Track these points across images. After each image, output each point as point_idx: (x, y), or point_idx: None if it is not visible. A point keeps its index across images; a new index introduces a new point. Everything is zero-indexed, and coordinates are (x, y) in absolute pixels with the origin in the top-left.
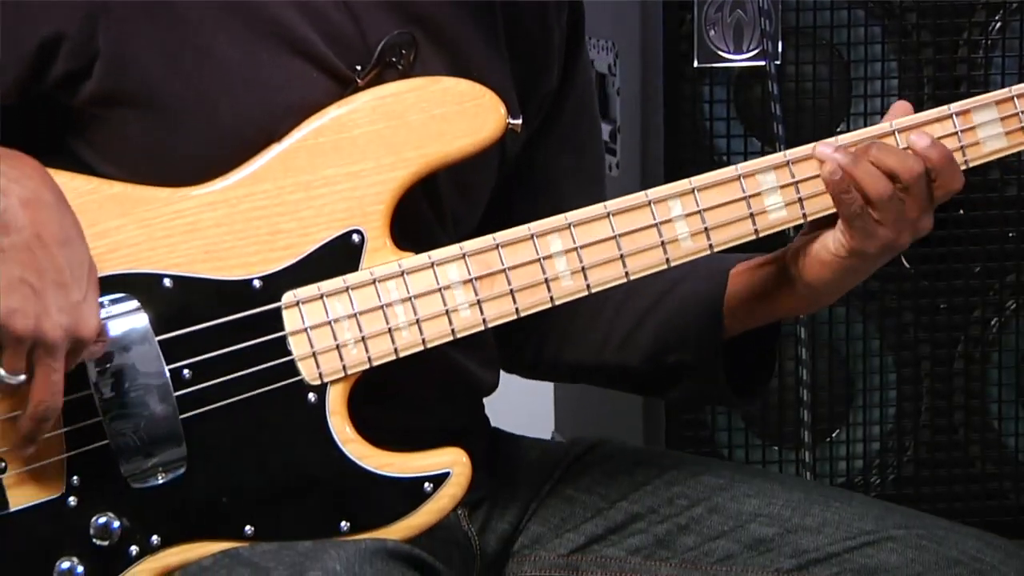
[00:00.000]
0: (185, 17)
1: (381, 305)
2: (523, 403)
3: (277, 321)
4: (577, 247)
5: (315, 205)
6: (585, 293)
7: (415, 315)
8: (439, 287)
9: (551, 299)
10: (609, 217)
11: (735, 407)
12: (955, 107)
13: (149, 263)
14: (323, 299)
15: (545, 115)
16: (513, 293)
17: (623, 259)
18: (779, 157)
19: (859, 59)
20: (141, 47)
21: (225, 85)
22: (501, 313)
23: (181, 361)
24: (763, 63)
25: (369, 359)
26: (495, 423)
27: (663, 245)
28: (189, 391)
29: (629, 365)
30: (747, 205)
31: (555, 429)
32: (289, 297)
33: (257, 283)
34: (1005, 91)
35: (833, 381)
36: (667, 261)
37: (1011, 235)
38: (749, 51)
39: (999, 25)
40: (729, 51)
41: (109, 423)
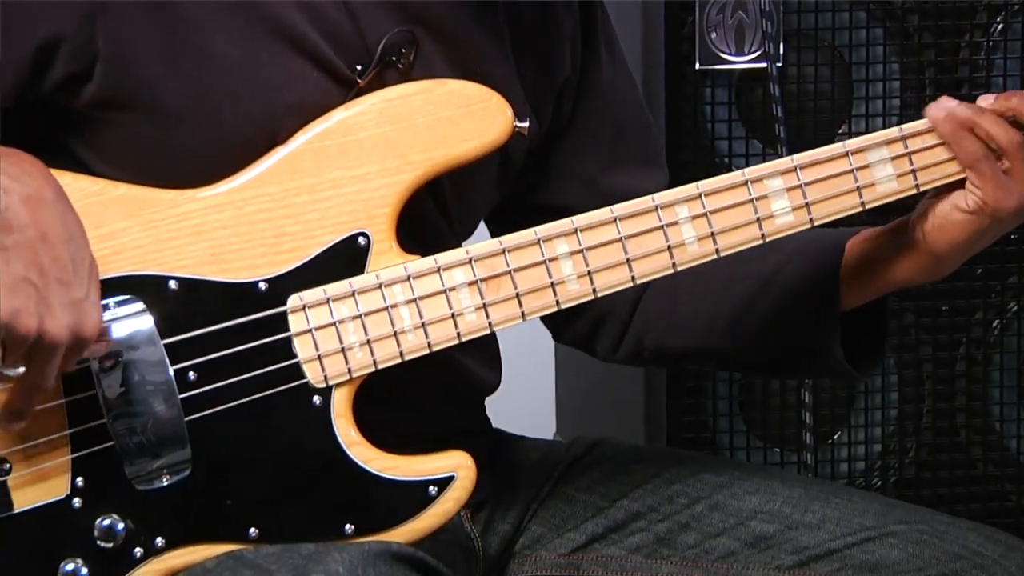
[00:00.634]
0: (184, 17)
1: (387, 308)
2: (525, 404)
3: (282, 324)
4: (583, 250)
5: (321, 208)
6: (591, 297)
7: (421, 318)
8: (445, 290)
9: (557, 303)
10: (616, 221)
11: (851, 381)
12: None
13: (155, 265)
14: (328, 302)
15: (569, 108)
16: (519, 296)
17: (629, 263)
18: (786, 162)
19: (861, 61)
20: (141, 48)
21: (225, 85)
22: (507, 316)
23: (186, 363)
24: (765, 65)
25: (375, 362)
26: (497, 424)
27: (669, 249)
28: (194, 393)
29: (738, 349)
30: (754, 210)
31: (557, 430)
32: (295, 300)
33: (263, 286)
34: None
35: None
36: (673, 266)
37: (1012, 237)
38: (751, 53)
39: (1001, 27)
40: (731, 53)
41: (114, 425)
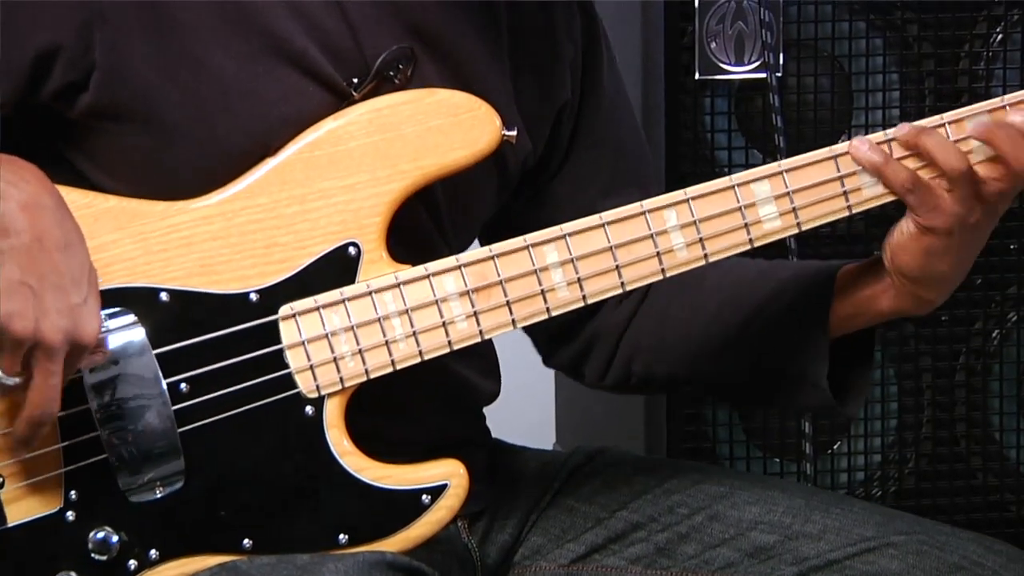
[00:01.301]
0: (182, 28)
1: (378, 317)
2: (525, 414)
3: (274, 334)
4: (573, 258)
5: (311, 218)
6: (581, 304)
7: (412, 327)
8: (436, 299)
9: (547, 310)
10: (604, 227)
11: (834, 415)
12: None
13: (145, 277)
14: (320, 312)
15: (568, 132)
16: (509, 304)
17: (619, 270)
18: (773, 167)
19: (860, 71)
20: (137, 58)
21: (221, 97)
22: (498, 324)
23: (179, 375)
24: (764, 75)
25: (366, 371)
26: (496, 434)
27: (659, 255)
28: (187, 405)
29: (725, 377)
30: (742, 215)
31: (556, 440)
32: (286, 310)
33: (254, 296)
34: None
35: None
36: (663, 272)
37: (1012, 247)
38: (750, 63)
39: (1000, 37)
40: (730, 63)
41: (107, 437)
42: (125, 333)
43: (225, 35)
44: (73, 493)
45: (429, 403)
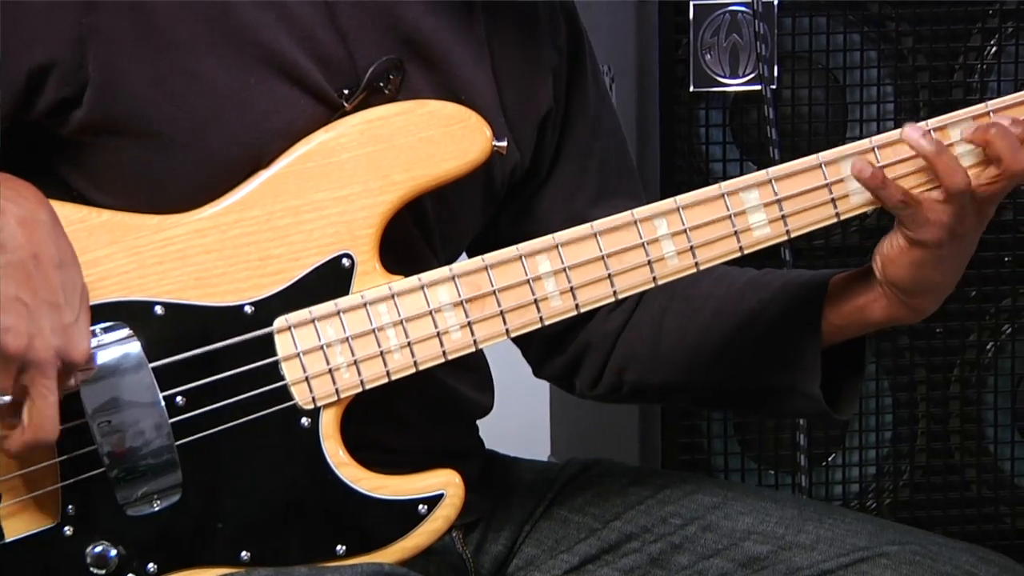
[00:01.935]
0: (174, 40)
1: (373, 328)
2: (519, 426)
3: (269, 346)
4: (565, 267)
5: (304, 230)
6: (574, 313)
7: (406, 338)
8: (430, 309)
9: (540, 319)
10: (596, 237)
11: (827, 422)
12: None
13: (140, 291)
14: (315, 323)
15: (553, 141)
16: (503, 314)
17: (611, 278)
18: (762, 175)
19: (855, 83)
20: (131, 72)
21: (214, 109)
22: (492, 334)
23: (175, 388)
24: (759, 87)
25: (362, 382)
26: (491, 446)
27: (650, 264)
28: (183, 418)
29: (718, 386)
30: (732, 223)
31: (551, 451)
32: (281, 322)
33: (248, 309)
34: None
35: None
36: (654, 280)
37: (1007, 260)
38: (745, 75)
39: (994, 49)
40: (725, 75)
41: (104, 451)
42: (121, 347)
43: (217, 47)
44: (71, 508)
45: (423, 414)
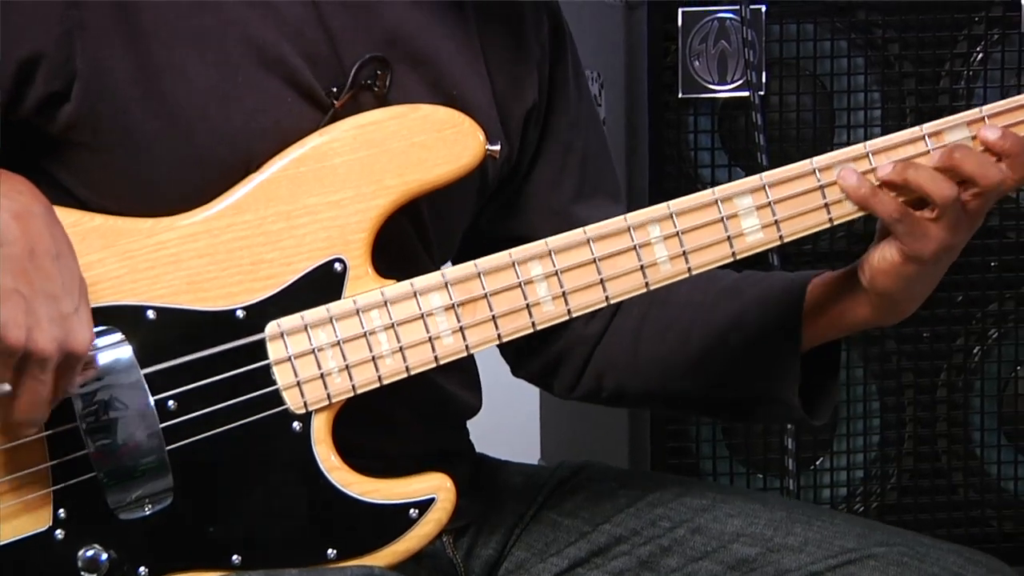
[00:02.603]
0: (160, 37)
1: (364, 333)
2: (509, 429)
3: (261, 351)
4: (557, 272)
5: (297, 235)
6: (566, 317)
7: (398, 343)
8: (422, 314)
9: (533, 324)
10: (589, 242)
11: (805, 426)
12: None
13: (132, 295)
14: (307, 328)
15: (535, 136)
16: (495, 319)
17: (603, 283)
18: (755, 180)
19: (842, 89)
20: (117, 67)
21: (199, 106)
22: (483, 339)
23: (166, 392)
24: (747, 93)
25: (353, 387)
26: (481, 449)
27: (642, 269)
28: (175, 422)
29: (696, 393)
30: (724, 228)
31: (541, 455)
32: (273, 327)
33: (240, 313)
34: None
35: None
36: (647, 285)
37: (993, 264)
38: (733, 82)
39: (981, 56)
40: (713, 81)
41: (96, 455)
42: (113, 351)
43: (204, 43)
44: (62, 511)
45: (412, 416)
